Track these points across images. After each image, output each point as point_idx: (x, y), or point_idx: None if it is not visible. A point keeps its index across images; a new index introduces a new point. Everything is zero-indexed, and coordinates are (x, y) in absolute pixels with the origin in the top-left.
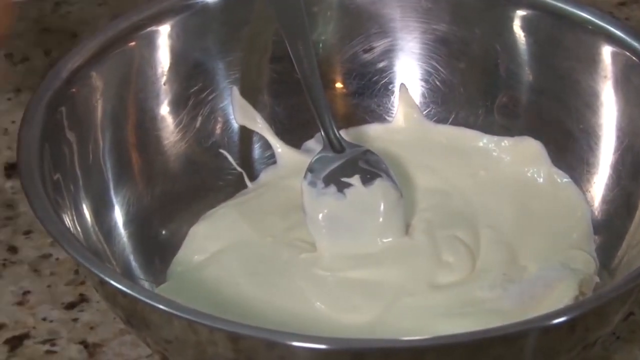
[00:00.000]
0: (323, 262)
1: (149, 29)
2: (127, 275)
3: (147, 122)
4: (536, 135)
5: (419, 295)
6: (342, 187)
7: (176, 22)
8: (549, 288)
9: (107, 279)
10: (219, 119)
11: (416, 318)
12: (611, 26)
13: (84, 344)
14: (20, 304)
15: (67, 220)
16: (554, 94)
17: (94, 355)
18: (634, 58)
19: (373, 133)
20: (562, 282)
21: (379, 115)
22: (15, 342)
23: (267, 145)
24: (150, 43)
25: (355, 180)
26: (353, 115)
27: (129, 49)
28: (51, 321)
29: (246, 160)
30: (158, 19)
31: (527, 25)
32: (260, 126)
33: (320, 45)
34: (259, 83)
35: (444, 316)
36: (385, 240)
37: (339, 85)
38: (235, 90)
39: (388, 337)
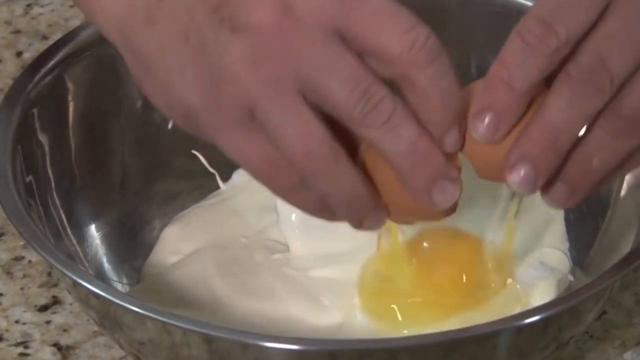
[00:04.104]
0: (294, 262)
1: None
2: (100, 277)
3: (119, 124)
4: None
5: None
6: None
7: None
8: (529, 286)
9: (80, 280)
10: None
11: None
12: None
13: (57, 346)
14: None
15: (40, 223)
16: None
17: (68, 358)
18: None
19: None
20: (542, 281)
21: None
22: None
23: None
24: None
25: None
26: None
27: (101, 51)
28: (24, 324)
29: (219, 161)
30: None
31: (498, 23)
32: None
33: None
34: None
35: None
36: (358, 239)
37: None
38: None
39: (360, 337)
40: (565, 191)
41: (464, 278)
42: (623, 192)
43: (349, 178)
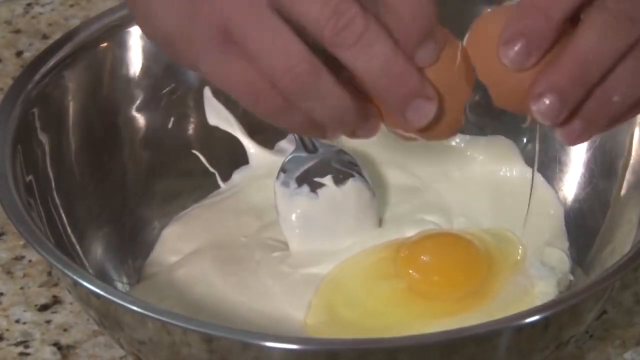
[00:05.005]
0: (290, 259)
1: (120, 30)
2: (100, 276)
3: (119, 123)
4: (509, 135)
5: None
6: (315, 187)
7: None
8: (530, 286)
9: (80, 280)
10: (192, 119)
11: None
12: None
13: (58, 345)
14: None
15: (40, 222)
16: None
17: (68, 357)
18: None
19: None
20: (542, 280)
21: None
22: None
23: (239, 146)
24: (122, 44)
25: (328, 180)
26: None
27: (101, 50)
28: (24, 323)
29: (219, 161)
30: (130, 20)
31: None
32: (232, 127)
33: None
34: None
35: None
36: (357, 235)
37: None
38: (208, 91)
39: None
40: (580, 126)
41: (456, 282)
42: (623, 192)
43: (333, 93)
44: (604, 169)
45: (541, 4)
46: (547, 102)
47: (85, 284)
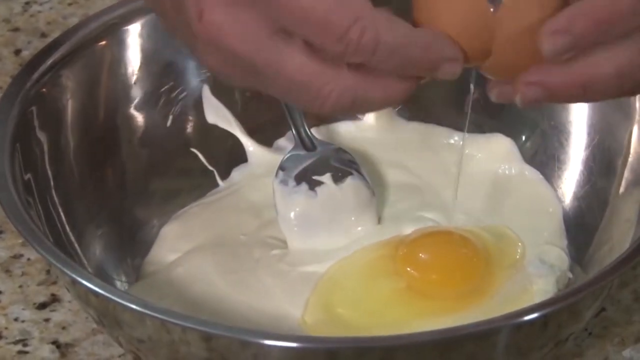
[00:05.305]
0: (288, 257)
1: (119, 28)
2: (99, 274)
3: (117, 122)
4: (507, 132)
5: None
6: (313, 185)
7: (146, 22)
8: (528, 283)
9: (78, 278)
10: (190, 117)
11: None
12: None
13: (56, 344)
14: None
15: (38, 220)
16: None
17: (66, 355)
18: None
19: (344, 131)
20: (541, 278)
21: None
22: None
23: (238, 144)
24: (120, 42)
25: (326, 178)
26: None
27: (100, 49)
28: (23, 321)
29: (217, 159)
30: (128, 18)
31: None
32: (231, 125)
33: None
34: None
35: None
36: (355, 233)
37: None
38: (207, 89)
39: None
40: (541, 98)
41: (455, 280)
42: (622, 190)
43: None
44: (603, 167)
45: (604, 20)
46: (537, 93)
47: (84, 282)
